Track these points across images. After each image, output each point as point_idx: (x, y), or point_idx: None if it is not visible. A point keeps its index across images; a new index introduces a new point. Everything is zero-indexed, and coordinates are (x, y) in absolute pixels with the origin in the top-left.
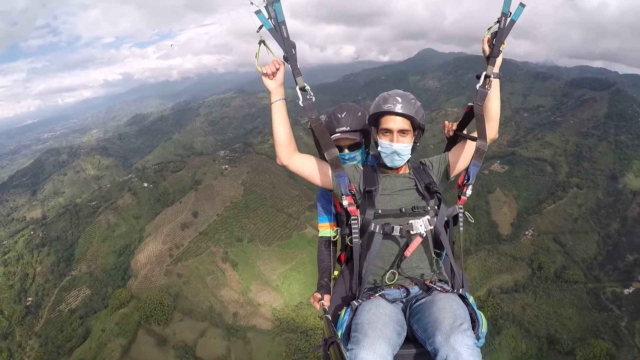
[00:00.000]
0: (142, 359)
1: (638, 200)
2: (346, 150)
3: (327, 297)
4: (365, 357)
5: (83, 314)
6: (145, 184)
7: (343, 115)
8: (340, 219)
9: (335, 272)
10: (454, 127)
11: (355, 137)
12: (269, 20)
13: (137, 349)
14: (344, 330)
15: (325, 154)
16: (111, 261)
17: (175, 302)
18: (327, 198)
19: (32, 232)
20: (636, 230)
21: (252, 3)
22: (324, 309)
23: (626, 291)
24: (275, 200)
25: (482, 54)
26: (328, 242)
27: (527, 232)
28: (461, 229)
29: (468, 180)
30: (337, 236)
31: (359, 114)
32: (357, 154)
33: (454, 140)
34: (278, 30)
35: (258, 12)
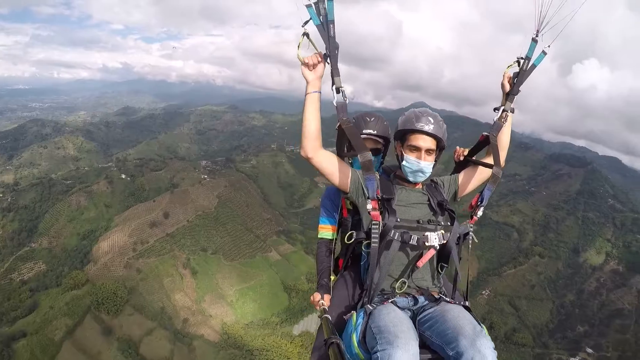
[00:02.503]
0: (85, 343)
1: (597, 275)
2: None
3: (327, 296)
4: (401, 356)
5: (34, 287)
6: (123, 176)
7: (372, 120)
8: (345, 224)
9: (332, 277)
10: (465, 153)
11: (379, 142)
12: (319, 16)
13: (82, 332)
14: (359, 333)
15: (359, 156)
16: (73, 242)
17: (129, 295)
18: (333, 201)
19: (0, 195)
20: (590, 303)
21: None
22: (324, 309)
23: (572, 359)
24: (246, 218)
25: (501, 89)
26: (328, 244)
27: (484, 292)
28: (470, 245)
29: (481, 202)
30: (336, 240)
31: (385, 122)
32: (375, 160)
33: (463, 164)
34: (326, 28)
35: (309, 6)
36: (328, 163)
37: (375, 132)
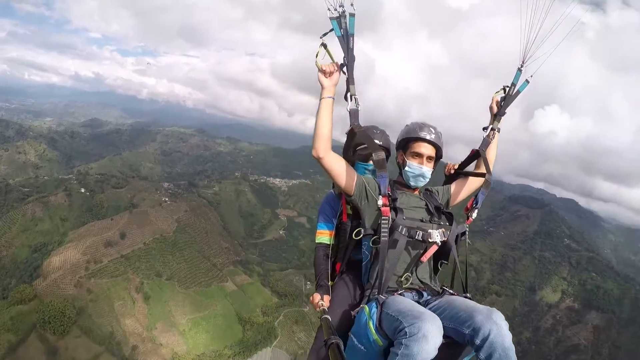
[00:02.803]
0: None
1: (553, 312)
2: (371, 162)
3: (326, 297)
4: (430, 328)
5: None
6: (83, 190)
7: (377, 132)
8: (344, 228)
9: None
10: (455, 167)
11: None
12: (340, 29)
13: (25, 351)
14: (375, 321)
15: (373, 155)
16: (24, 254)
17: (77, 316)
18: (333, 207)
19: None
20: (547, 340)
21: (328, 9)
22: (324, 310)
23: None
24: (204, 246)
25: (490, 111)
26: (325, 249)
27: None
28: (468, 242)
29: (476, 204)
30: (332, 244)
31: (387, 135)
32: None
33: (453, 177)
34: (346, 40)
35: (333, 19)
36: (337, 165)
37: (381, 143)
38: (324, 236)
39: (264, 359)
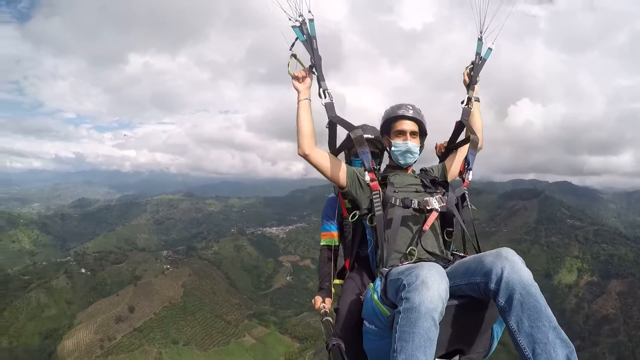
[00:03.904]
0: None
1: (574, 292)
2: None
3: (328, 300)
4: (428, 273)
5: None
6: (83, 270)
7: (369, 127)
8: (346, 224)
9: (337, 281)
10: (445, 144)
11: (376, 147)
12: (303, 34)
13: None
14: (379, 292)
15: (350, 133)
16: (35, 342)
17: None
18: (334, 207)
19: None
20: (575, 319)
21: (290, 19)
22: (325, 312)
23: None
24: (214, 306)
25: (464, 84)
26: (328, 251)
27: None
28: (470, 208)
29: (468, 165)
30: (338, 245)
31: (379, 133)
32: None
33: (445, 156)
34: (309, 42)
35: (295, 27)
36: (324, 160)
37: (374, 136)
38: (328, 237)
39: None
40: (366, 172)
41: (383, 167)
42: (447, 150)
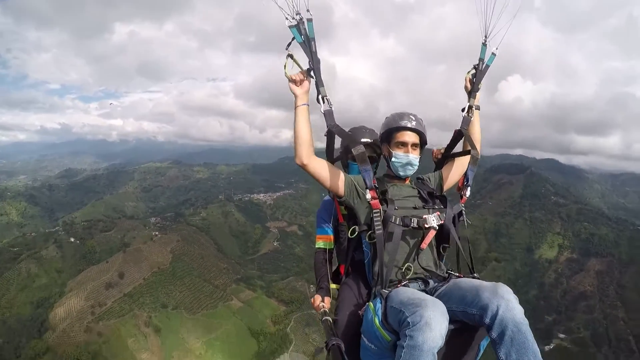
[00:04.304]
0: None
1: (554, 267)
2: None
3: (327, 299)
4: (432, 314)
5: None
6: (72, 239)
7: (367, 130)
8: (342, 229)
9: (333, 285)
10: (442, 151)
11: (375, 151)
12: (301, 35)
13: None
14: (380, 316)
15: (352, 150)
16: (27, 311)
17: None
18: (329, 211)
19: None
20: (553, 294)
21: (286, 18)
22: (324, 312)
23: (547, 348)
24: (202, 270)
25: (465, 91)
26: (324, 253)
27: None
28: (466, 222)
29: (467, 182)
30: (332, 249)
31: (377, 135)
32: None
33: (442, 162)
34: (308, 44)
35: (292, 27)
36: (322, 169)
37: (372, 140)
38: (323, 241)
39: None
40: (367, 190)
41: (379, 172)
42: (443, 157)
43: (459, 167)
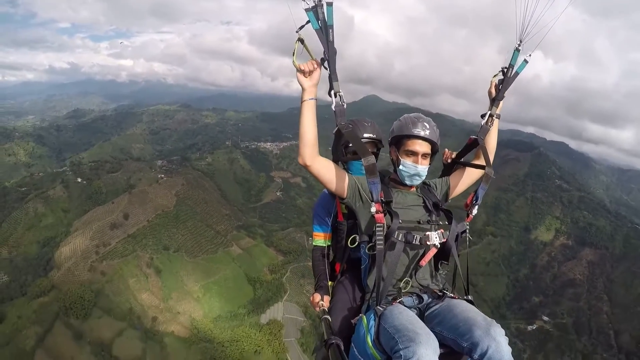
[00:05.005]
0: (57, 349)
1: (548, 250)
2: None
3: (326, 298)
4: (425, 352)
5: None
6: (79, 179)
7: (369, 124)
8: (340, 228)
9: (329, 283)
10: (453, 156)
11: (376, 146)
12: (318, 21)
13: (53, 339)
14: (373, 335)
15: (362, 160)
16: (34, 250)
17: (96, 298)
18: (327, 208)
19: None
20: (543, 276)
21: (304, 0)
22: (323, 310)
23: (529, 328)
24: (205, 215)
25: (488, 96)
26: (322, 250)
27: (440, 272)
28: (468, 240)
29: (476, 201)
30: (330, 245)
31: (377, 126)
32: None
33: (450, 166)
34: (324, 32)
35: (308, 11)
36: (326, 170)
37: (375, 135)
38: (320, 239)
39: (276, 312)
40: (372, 203)
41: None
42: (453, 162)
43: (469, 178)
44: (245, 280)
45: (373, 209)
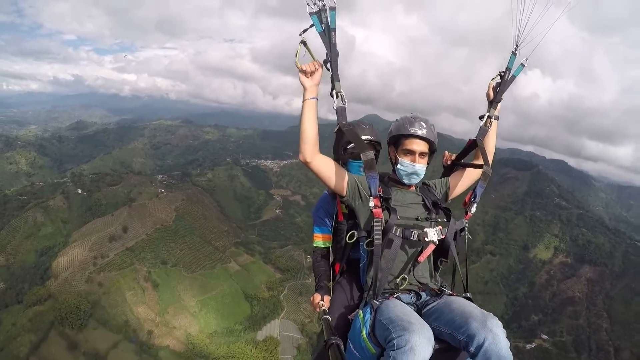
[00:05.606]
0: (51, 359)
1: (547, 268)
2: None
3: (327, 298)
4: (418, 340)
5: None
6: (80, 191)
7: (367, 127)
8: (340, 228)
9: (329, 283)
10: (453, 157)
11: (375, 148)
12: (321, 24)
13: (47, 348)
14: (368, 328)
15: (362, 155)
16: (32, 259)
17: (92, 309)
18: (327, 210)
19: None
20: (542, 294)
21: (308, 4)
22: (324, 310)
23: (528, 346)
24: (204, 231)
25: (487, 99)
26: (322, 251)
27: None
28: (467, 239)
29: (474, 199)
30: (330, 246)
31: (376, 130)
32: None
33: (450, 168)
34: (327, 35)
35: (312, 15)
36: (326, 168)
37: (373, 137)
38: (320, 240)
39: (273, 329)
40: (371, 197)
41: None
42: (453, 164)
43: (468, 178)
44: (243, 297)
45: (371, 204)
